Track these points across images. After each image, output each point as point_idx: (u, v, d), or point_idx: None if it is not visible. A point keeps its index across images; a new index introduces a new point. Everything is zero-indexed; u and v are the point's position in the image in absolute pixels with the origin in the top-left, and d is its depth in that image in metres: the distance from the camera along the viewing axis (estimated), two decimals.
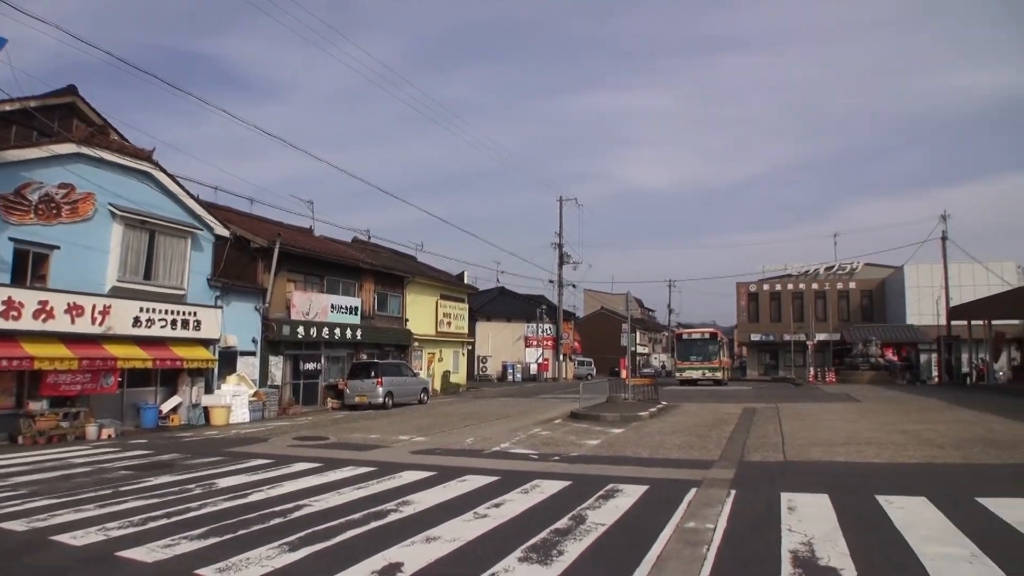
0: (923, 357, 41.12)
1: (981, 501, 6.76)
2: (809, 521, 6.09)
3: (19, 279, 14.10)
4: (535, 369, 49.07)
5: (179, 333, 17.47)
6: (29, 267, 14.35)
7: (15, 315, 13.62)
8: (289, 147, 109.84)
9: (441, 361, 33.39)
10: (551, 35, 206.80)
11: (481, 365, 47.73)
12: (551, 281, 50.71)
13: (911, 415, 17.04)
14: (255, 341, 20.61)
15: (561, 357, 51.37)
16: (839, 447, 11.24)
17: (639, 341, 68.14)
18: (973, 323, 35.13)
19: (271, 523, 6.37)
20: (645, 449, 11.46)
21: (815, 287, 52.76)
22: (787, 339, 48.09)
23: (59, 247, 14.83)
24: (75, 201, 15.15)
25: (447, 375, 33.67)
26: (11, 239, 13.93)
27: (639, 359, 63.38)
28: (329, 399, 23.58)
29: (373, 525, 6.26)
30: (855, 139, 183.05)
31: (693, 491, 7.62)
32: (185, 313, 17.72)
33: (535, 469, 9.55)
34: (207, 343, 18.45)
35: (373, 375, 22.45)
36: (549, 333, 51.34)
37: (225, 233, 19.63)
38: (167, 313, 17.16)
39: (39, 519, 6.63)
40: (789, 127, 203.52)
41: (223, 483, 8.71)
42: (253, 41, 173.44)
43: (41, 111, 15.49)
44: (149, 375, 17.25)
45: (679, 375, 39.41)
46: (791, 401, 23.25)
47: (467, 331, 36.63)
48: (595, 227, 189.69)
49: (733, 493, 7.49)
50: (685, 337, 41.74)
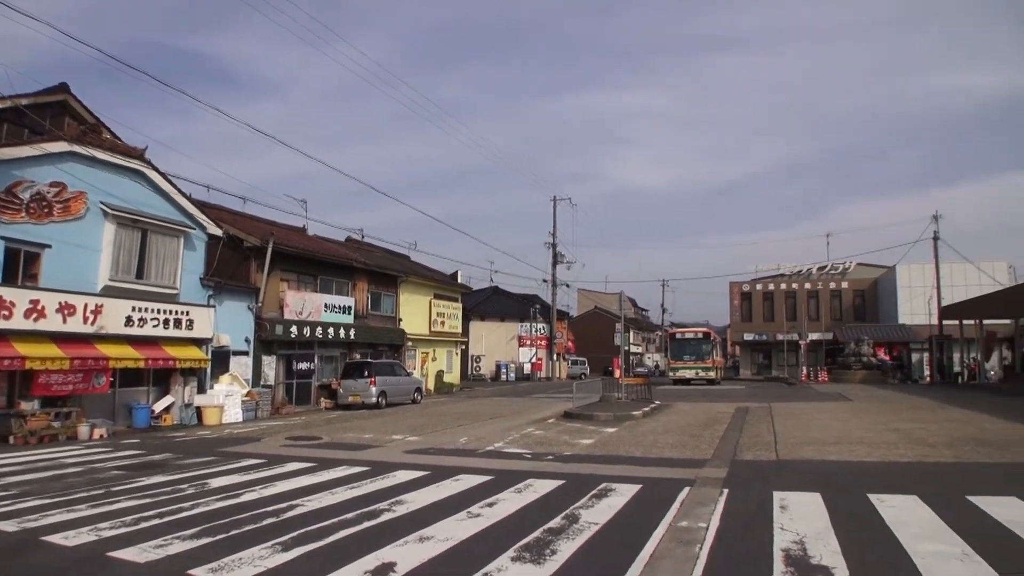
0: (915, 356, 41.33)
1: (972, 500, 6.80)
2: (801, 520, 6.12)
3: (10, 278, 14.02)
4: (529, 368, 49.11)
5: (172, 332, 17.40)
6: (20, 266, 14.27)
7: (6, 314, 13.55)
8: (283, 146, 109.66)
9: (435, 361, 33.39)
10: (549, 34, 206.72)
11: (475, 365, 47.73)
12: (545, 280, 50.77)
13: (903, 414, 17.13)
14: (248, 341, 20.55)
15: (555, 356, 51.40)
16: (831, 446, 11.30)
17: (632, 340, 68.29)
18: (965, 323, 35.40)
19: (264, 523, 6.36)
20: (638, 448, 11.50)
21: (808, 287, 52.98)
22: (780, 339, 48.27)
23: (51, 246, 14.75)
24: (67, 200, 15.08)
25: (441, 375, 33.67)
26: (2, 238, 13.84)
27: (632, 358, 63.48)
28: (322, 399, 23.55)
29: (366, 525, 6.25)
30: (854, 139, 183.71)
31: (686, 490, 7.65)
32: (178, 312, 17.65)
33: (528, 468, 9.56)
34: (200, 343, 18.39)
35: (366, 375, 22.42)
36: (543, 332, 51.40)
37: (218, 232, 19.57)
38: (159, 312, 17.09)
39: (30, 519, 6.60)
40: (788, 127, 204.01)
41: (216, 483, 8.68)
42: (247, 39, 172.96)
43: (33, 109, 15.40)
44: (141, 375, 17.18)
45: (672, 374, 39.49)
46: (784, 400, 23.33)
47: (461, 331, 36.64)
48: (590, 227, 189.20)
49: (726, 492, 7.52)
50: (678, 336, 41.85)
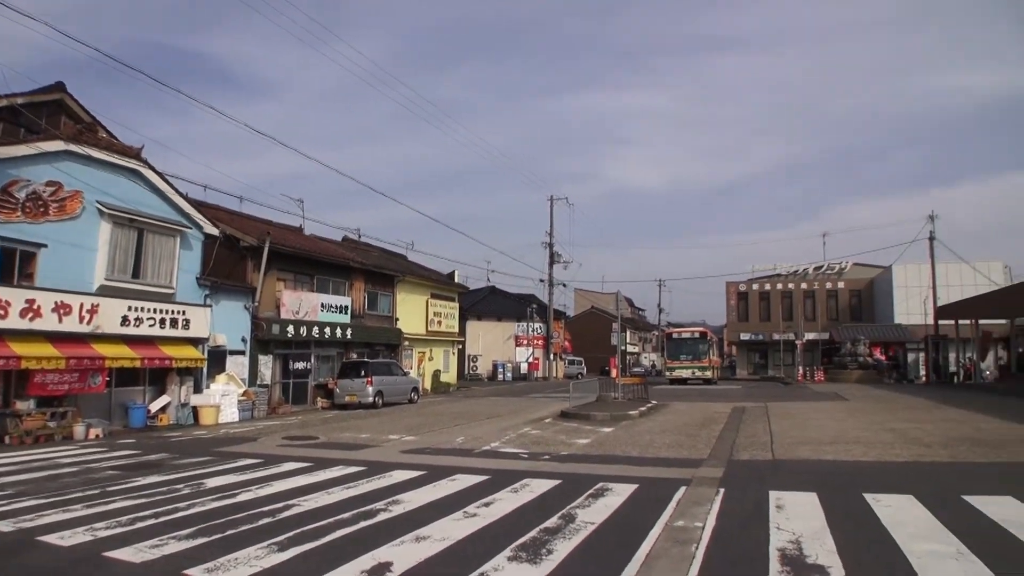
0: (911, 356, 41.45)
1: (968, 499, 6.83)
2: (797, 519, 6.13)
3: (6, 277, 13.97)
4: (525, 368, 49.10)
5: (168, 332, 17.37)
6: (16, 265, 14.22)
7: (2, 314, 13.50)
8: (280, 145, 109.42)
9: (431, 360, 33.36)
10: (549, 34, 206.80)
11: (471, 364, 47.70)
12: (542, 280, 50.74)
13: (899, 414, 17.18)
14: (244, 340, 20.51)
15: (551, 356, 51.40)
16: (827, 446, 11.33)
17: (629, 340, 68.28)
18: (960, 323, 35.49)
19: (260, 523, 6.35)
20: (635, 448, 11.50)
21: (804, 287, 53.03)
22: (776, 338, 48.33)
23: (46, 245, 14.70)
24: (63, 199, 15.03)
25: (437, 374, 33.64)
26: None
27: (629, 358, 63.49)
28: (319, 398, 23.50)
29: (362, 525, 6.25)
30: (854, 139, 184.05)
31: (682, 490, 7.66)
32: (174, 312, 17.61)
33: (525, 468, 9.56)
34: (196, 342, 18.35)
35: (363, 374, 22.39)
36: (539, 332, 51.38)
37: (214, 232, 19.53)
38: (156, 312, 17.05)
39: (26, 519, 6.58)
40: (788, 127, 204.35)
41: (212, 483, 8.67)
42: (246, 39, 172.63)
43: (29, 108, 15.35)
44: (137, 374, 17.13)
45: (669, 374, 39.56)
46: (780, 400, 23.38)
47: (457, 330, 36.61)
48: (587, 227, 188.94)
49: (722, 492, 7.53)
50: (675, 336, 41.91)
